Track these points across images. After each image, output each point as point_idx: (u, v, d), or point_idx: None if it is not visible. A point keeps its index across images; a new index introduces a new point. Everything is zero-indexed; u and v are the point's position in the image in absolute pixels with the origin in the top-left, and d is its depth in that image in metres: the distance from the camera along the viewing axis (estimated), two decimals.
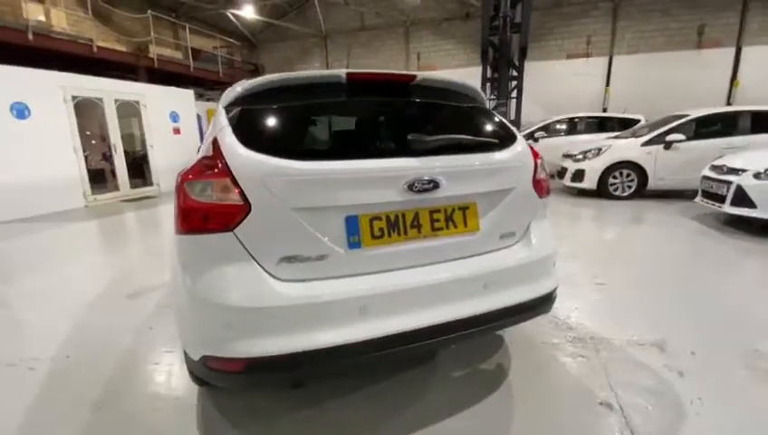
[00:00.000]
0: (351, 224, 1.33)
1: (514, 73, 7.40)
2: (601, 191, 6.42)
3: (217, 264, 1.27)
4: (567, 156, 7.13)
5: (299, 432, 1.56)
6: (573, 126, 9.40)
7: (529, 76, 14.01)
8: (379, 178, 1.32)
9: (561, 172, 7.11)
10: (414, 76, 1.60)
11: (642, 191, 6.25)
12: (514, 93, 7.67)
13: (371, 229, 1.35)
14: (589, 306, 2.62)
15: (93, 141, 8.38)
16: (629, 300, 2.70)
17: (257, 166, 1.25)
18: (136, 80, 9.17)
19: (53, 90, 6.44)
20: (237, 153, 1.28)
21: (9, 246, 4.69)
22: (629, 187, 6.29)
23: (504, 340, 2.21)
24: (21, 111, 5.96)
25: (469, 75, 8.38)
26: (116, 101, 7.51)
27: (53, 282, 3.43)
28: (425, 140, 1.44)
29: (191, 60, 11.62)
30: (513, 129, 1.75)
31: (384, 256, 1.37)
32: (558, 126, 9.47)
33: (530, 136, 9.17)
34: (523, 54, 6.98)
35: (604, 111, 13.19)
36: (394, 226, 1.38)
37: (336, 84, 1.52)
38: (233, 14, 14.64)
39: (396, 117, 1.67)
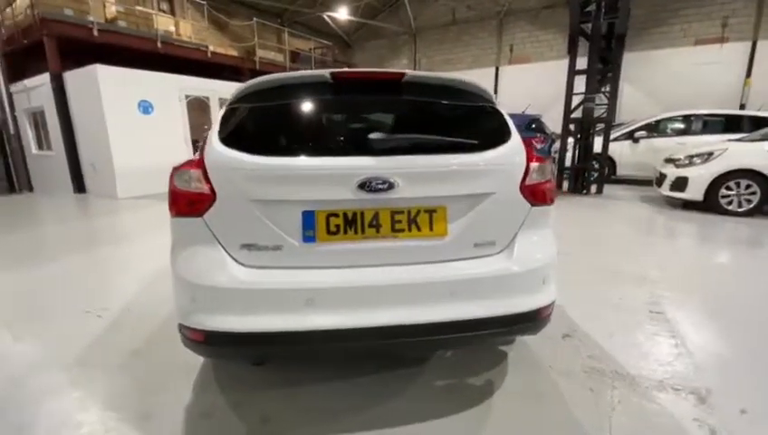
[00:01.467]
0: (307, 218, 1.37)
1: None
2: (710, 204, 5.35)
3: (190, 244, 1.43)
4: (669, 160, 6.09)
5: (270, 407, 1.68)
6: (688, 125, 7.95)
7: (644, 67, 12.28)
8: (331, 176, 1.34)
9: (660, 179, 6.11)
10: (402, 74, 1.56)
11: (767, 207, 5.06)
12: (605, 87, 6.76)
13: (327, 225, 1.38)
14: (629, 336, 2.25)
15: (206, 134, 9.77)
16: (687, 337, 2.24)
17: (223, 159, 1.38)
18: (241, 80, 10.41)
19: (171, 90, 7.69)
20: (213, 148, 1.43)
21: (123, 219, 5.80)
22: (749, 201, 5.12)
23: (507, 356, 2.04)
24: (146, 108, 7.27)
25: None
26: (220, 99, 8.64)
27: (141, 250, 4.16)
28: (384, 140, 1.41)
29: (287, 61, 12.74)
30: (511, 129, 1.60)
31: (338, 253, 1.39)
32: (668, 124, 8.12)
33: (629, 136, 8.06)
34: (619, 43, 6.09)
35: (742, 107, 10.89)
36: (351, 223, 1.38)
37: (323, 84, 1.57)
38: (329, 17, 15.61)
39: (379, 116, 1.66)
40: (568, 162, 7.22)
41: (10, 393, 1.80)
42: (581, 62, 6.70)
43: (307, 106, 1.56)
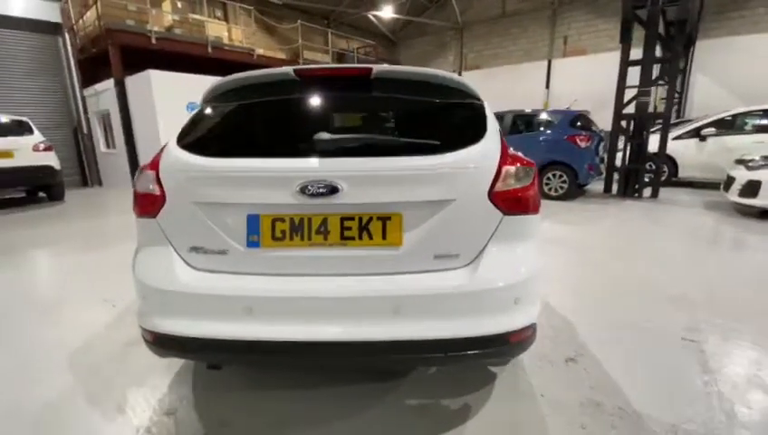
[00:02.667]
0: (252, 223, 1.32)
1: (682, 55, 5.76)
2: None
3: (146, 245, 1.44)
4: (740, 161, 5.32)
5: (232, 411, 1.65)
6: None
7: (721, 55, 10.86)
8: (272, 179, 1.27)
9: (728, 183, 5.34)
10: (369, 69, 1.46)
11: None
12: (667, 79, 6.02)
13: (273, 230, 1.31)
14: (648, 366, 1.95)
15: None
16: (723, 374, 1.89)
17: (173, 161, 1.37)
18: None
19: None
20: (168, 149, 1.42)
21: None
22: None
23: (496, 379, 1.85)
24: (193, 109, 7.73)
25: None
26: None
27: None
28: (330, 140, 1.31)
29: (330, 61, 12.98)
30: (488, 128, 1.42)
31: (283, 260, 1.32)
32: (745, 120, 7.08)
33: (695, 133, 7.16)
34: (681, 30, 5.38)
35: None
36: (297, 229, 1.30)
37: (287, 83, 1.52)
38: (373, 16, 15.66)
39: (343, 115, 1.56)
40: (621, 162, 6.58)
41: (12, 375, 1.96)
42: (638, 53, 6.05)
43: (266, 106, 1.51)
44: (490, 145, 1.36)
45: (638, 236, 4.51)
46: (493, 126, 1.45)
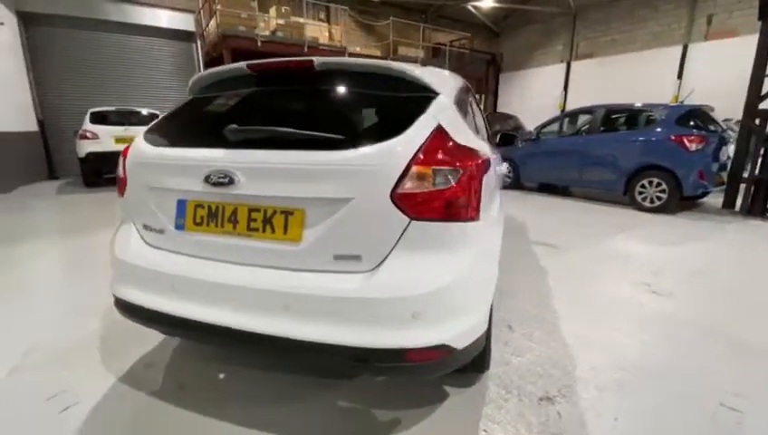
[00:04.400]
0: (180, 207, 1.43)
1: None
2: None
3: (121, 221, 1.68)
4: None
5: (193, 377, 1.84)
6: None
7: None
8: (187, 168, 1.36)
9: None
10: (311, 61, 1.46)
11: None
12: None
13: (194, 215, 1.41)
14: (649, 429, 1.55)
15: None
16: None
17: (133, 149, 1.56)
18: None
19: None
20: (135, 139, 1.63)
21: None
22: None
23: (445, 400, 1.69)
24: None
25: None
26: None
27: None
28: (236, 131, 1.32)
29: (422, 56, 12.93)
30: (413, 123, 1.28)
31: (200, 244, 1.41)
32: None
33: None
34: None
35: None
36: (213, 216, 1.38)
37: (244, 76, 1.61)
38: (473, 7, 15.03)
39: (280, 108, 1.57)
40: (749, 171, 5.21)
41: (56, 314, 2.48)
42: None
43: (217, 100, 1.62)
44: (405, 141, 1.23)
45: (745, 266, 3.53)
46: (426, 120, 1.30)
